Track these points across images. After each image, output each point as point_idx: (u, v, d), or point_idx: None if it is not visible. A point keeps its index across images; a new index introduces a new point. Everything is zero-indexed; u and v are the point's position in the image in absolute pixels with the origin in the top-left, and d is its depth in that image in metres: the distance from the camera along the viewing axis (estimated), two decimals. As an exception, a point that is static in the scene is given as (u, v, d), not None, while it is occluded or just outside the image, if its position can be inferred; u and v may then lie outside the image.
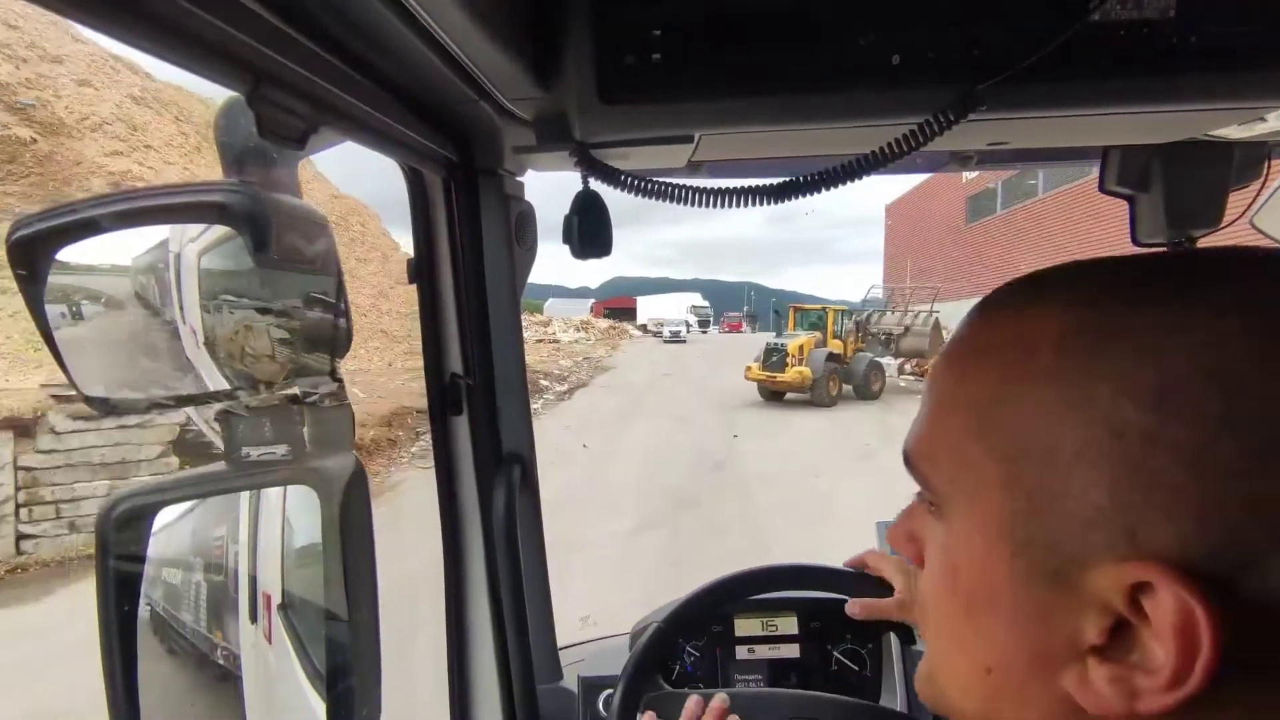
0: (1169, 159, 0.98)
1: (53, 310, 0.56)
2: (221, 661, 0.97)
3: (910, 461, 0.43)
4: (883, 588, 0.94)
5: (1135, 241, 1.05)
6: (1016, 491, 0.35)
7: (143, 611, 0.67)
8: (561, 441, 10.55)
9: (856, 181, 0.73)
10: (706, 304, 75.96)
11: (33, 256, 0.54)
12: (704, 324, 68.55)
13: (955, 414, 0.39)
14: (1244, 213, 1.03)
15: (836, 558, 1.02)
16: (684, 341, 42.34)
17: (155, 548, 0.67)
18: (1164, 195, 0.99)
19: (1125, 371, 0.32)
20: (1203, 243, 1.03)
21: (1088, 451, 0.32)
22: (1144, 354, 0.32)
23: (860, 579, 0.97)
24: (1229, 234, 0.95)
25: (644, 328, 60.43)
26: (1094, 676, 0.33)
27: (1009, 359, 0.37)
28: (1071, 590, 0.33)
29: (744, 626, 1.17)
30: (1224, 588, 0.29)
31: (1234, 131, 0.84)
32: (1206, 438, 0.30)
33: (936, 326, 17.72)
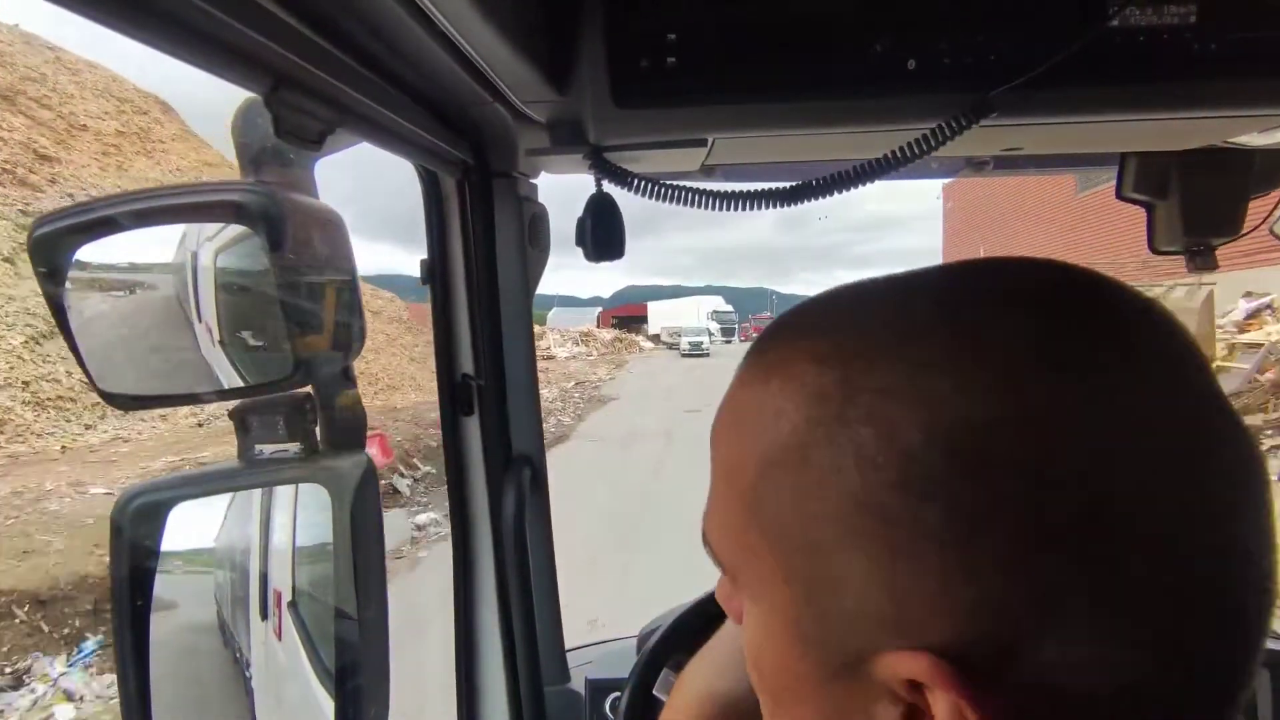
0: (1188, 166, 0.97)
1: (72, 306, 0.57)
2: (232, 657, 0.97)
3: (705, 537, 0.39)
4: None
5: (1152, 249, 1.04)
6: (794, 585, 0.32)
7: (155, 605, 0.68)
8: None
9: (869, 185, 0.73)
10: (730, 308, 61.27)
11: (53, 254, 0.55)
12: (728, 332, 56.07)
13: (730, 492, 0.35)
14: (1265, 220, 1.01)
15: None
16: (707, 354, 34.99)
17: (169, 543, 0.68)
18: (1182, 203, 0.98)
19: (868, 444, 0.29)
20: (1221, 251, 1.01)
21: (850, 539, 0.29)
22: (881, 421, 0.29)
23: None
24: (1249, 242, 0.94)
25: (656, 338, 52.46)
26: None
27: (762, 431, 0.33)
28: (862, 681, 0.30)
29: None
30: (998, 673, 0.27)
31: (1254, 139, 0.83)
32: (954, 518, 0.27)
33: (1209, 301, 10.44)
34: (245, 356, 0.67)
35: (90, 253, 0.58)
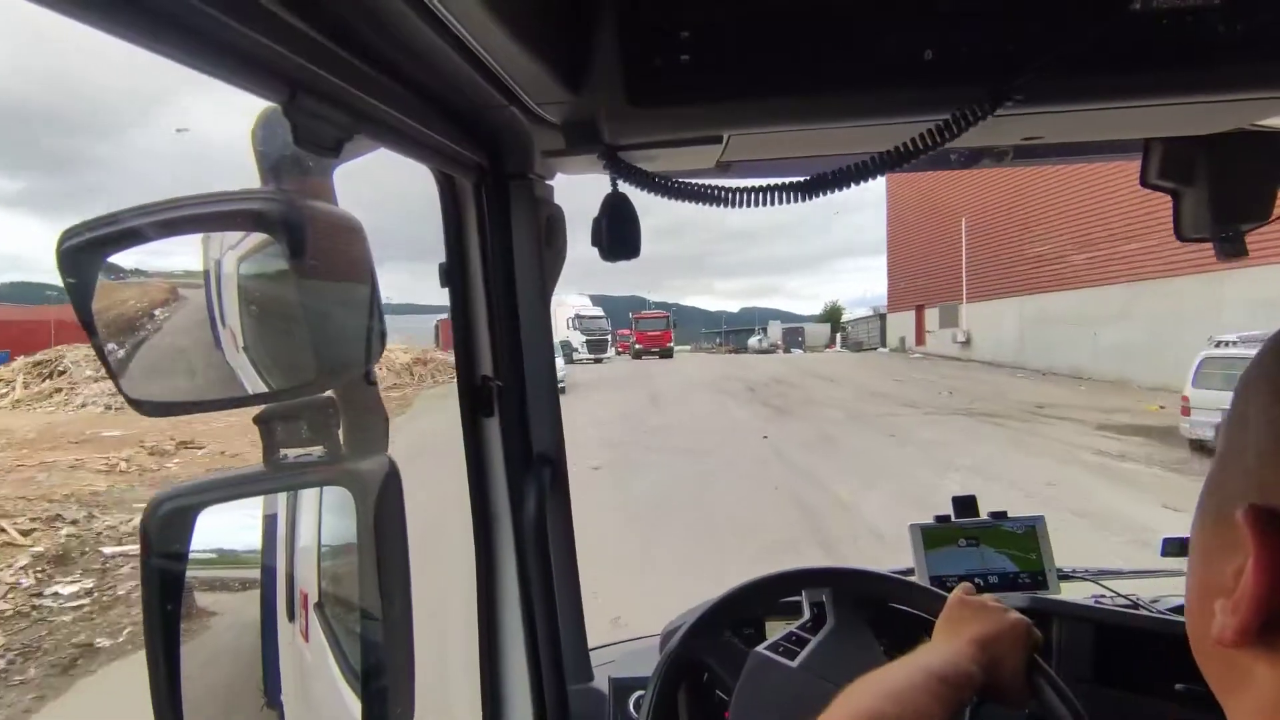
0: (1214, 151, 0.94)
1: (99, 316, 0.58)
2: (262, 657, 0.99)
3: None
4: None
5: (1179, 237, 1.02)
6: None
7: (185, 607, 0.69)
8: None
9: (886, 174, 0.72)
10: (599, 311, 37.71)
11: (81, 264, 0.56)
12: (598, 345, 34.79)
13: None
14: None
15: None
16: (561, 387, 4.18)
17: (198, 547, 0.69)
18: (1209, 188, 0.96)
19: None
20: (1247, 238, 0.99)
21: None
22: None
23: (903, 585, 0.96)
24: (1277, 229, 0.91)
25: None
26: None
27: None
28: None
29: (776, 629, 1.16)
30: None
31: None
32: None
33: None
34: (268, 362, 0.68)
35: (116, 263, 0.59)
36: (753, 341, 52.37)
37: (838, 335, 50.01)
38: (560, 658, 1.06)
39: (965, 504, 1.30)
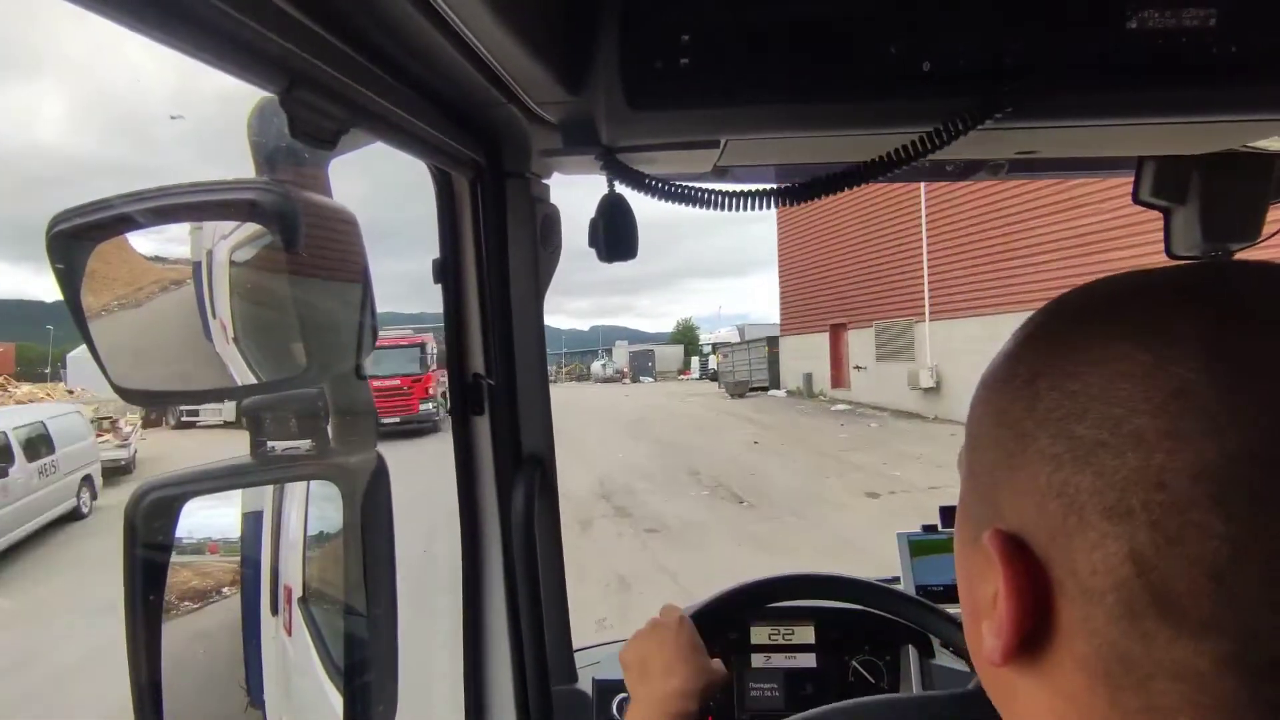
0: (1207, 170, 0.95)
1: (88, 303, 0.58)
2: (244, 651, 0.98)
3: None
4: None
5: (1170, 255, 1.03)
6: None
7: (167, 600, 0.68)
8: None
9: (879, 181, 0.72)
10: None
11: (71, 250, 0.56)
12: None
13: None
14: None
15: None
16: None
17: (182, 538, 0.68)
18: (1201, 208, 0.97)
19: None
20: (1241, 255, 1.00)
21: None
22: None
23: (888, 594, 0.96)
24: (1267, 249, 0.92)
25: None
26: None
27: None
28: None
29: (761, 635, 1.16)
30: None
31: (1275, 143, 0.82)
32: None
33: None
34: (258, 353, 0.67)
35: (107, 249, 0.58)
36: (596, 367, 46.66)
37: (693, 359, 43.93)
38: (545, 658, 1.05)
39: (953, 513, 1.31)
